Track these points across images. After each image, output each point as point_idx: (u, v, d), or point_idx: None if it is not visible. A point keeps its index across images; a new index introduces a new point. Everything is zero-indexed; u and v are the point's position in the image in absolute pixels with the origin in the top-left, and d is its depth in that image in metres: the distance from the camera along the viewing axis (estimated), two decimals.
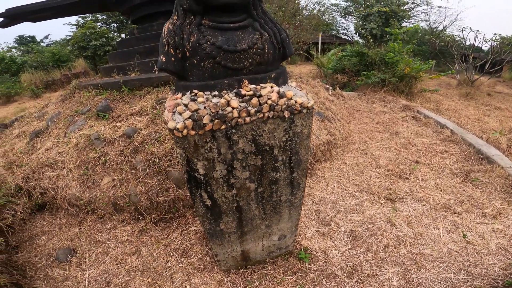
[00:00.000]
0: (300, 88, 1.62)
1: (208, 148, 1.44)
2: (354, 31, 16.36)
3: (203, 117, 1.33)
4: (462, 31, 15.31)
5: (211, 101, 1.36)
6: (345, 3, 23.64)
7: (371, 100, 6.29)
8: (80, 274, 2.31)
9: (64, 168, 3.02)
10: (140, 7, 4.58)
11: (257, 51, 1.40)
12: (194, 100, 1.36)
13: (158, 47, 4.01)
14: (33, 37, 27.36)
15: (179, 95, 1.42)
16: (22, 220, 2.93)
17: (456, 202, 2.88)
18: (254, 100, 1.39)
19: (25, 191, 3.08)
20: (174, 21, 1.37)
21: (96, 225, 2.86)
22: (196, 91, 1.39)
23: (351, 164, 3.64)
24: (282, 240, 2.15)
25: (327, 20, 21.12)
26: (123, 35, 17.94)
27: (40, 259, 2.53)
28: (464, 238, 2.43)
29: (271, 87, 1.46)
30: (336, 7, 24.24)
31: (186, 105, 1.35)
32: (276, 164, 1.66)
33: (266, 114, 1.43)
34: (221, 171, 1.55)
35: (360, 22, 14.82)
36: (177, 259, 2.38)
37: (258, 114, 1.41)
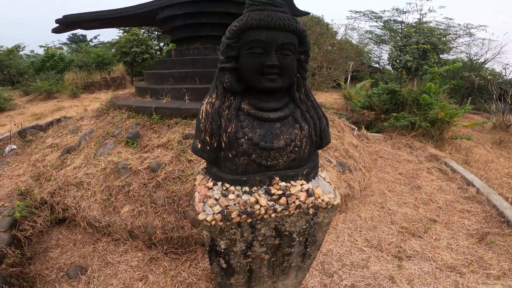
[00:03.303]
0: (330, 181, 1.58)
1: (232, 233, 1.44)
2: (387, 61, 15.96)
3: (232, 212, 1.33)
4: (505, 68, 14.45)
5: (241, 197, 1.35)
6: (381, 31, 23.26)
7: (397, 145, 6.00)
8: None
9: (89, 189, 3.09)
10: (180, 28, 4.76)
11: (294, 149, 1.36)
12: (225, 196, 1.35)
13: (190, 74, 4.07)
14: (84, 36, 28.95)
15: (210, 183, 1.43)
16: (40, 232, 2.99)
17: (464, 263, 2.78)
18: (283, 200, 1.37)
19: (49, 205, 3.16)
20: (213, 100, 1.35)
21: (109, 246, 2.88)
22: (227, 185, 1.38)
23: (366, 217, 3.50)
24: None
25: (359, 46, 20.84)
26: (161, 44, 18.59)
27: (51, 272, 2.56)
28: None
29: (301, 184, 1.42)
30: (370, 34, 23.88)
31: (217, 199, 1.35)
32: (292, 243, 1.66)
33: (292, 211, 1.40)
34: (241, 247, 1.56)
35: (395, 53, 14.37)
36: None
37: (284, 211, 1.39)
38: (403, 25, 19.89)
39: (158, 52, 17.30)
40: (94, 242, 2.94)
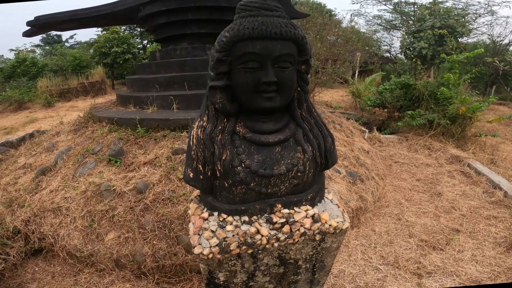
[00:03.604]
0: (338, 203, 1.60)
1: (232, 264, 1.45)
2: (400, 50, 15.94)
3: (231, 244, 1.34)
4: None
5: (240, 228, 1.36)
6: (391, 15, 23.16)
7: (414, 147, 5.98)
8: None
9: (68, 215, 3.09)
10: (164, 26, 4.79)
11: (297, 174, 1.35)
12: (223, 227, 1.36)
13: (178, 79, 4.08)
14: (59, 37, 29.10)
15: (206, 213, 1.44)
16: (13, 265, 2.98)
17: (490, 275, 2.79)
18: (286, 228, 1.37)
19: (23, 234, 3.15)
20: (204, 124, 1.33)
21: (93, 278, 2.87)
22: (224, 215, 1.39)
23: (381, 232, 3.51)
24: None
25: (367, 34, 20.82)
26: (145, 42, 18.70)
27: None
28: None
29: (306, 210, 1.44)
30: (379, 19, 23.77)
31: (213, 231, 1.36)
32: (298, 271, 1.67)
33: (296, 239, 1.41)
34: (242, 278, 1.57)
35: (408, 40, 14.29)
36: None
37: (287, 240, 1.40)
38: (415, 6, 19.90)
39: (141, 52, 17.42)
40: (76, 273, 2.93)
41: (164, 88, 4.17)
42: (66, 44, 27.93)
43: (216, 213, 1.42)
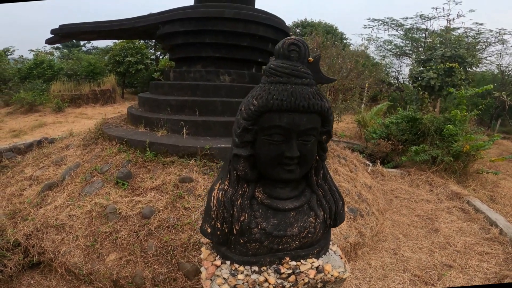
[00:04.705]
0: (341, 254, 1.71)
1: None
2: (408, 78, 16.00)
3: None
4: None
5: (250, 276, 1.47)
6: (402, 41, 23.22)
7: (415, 182, 6.01)
8: None
9: (71, 233, 3.13)
10: (181, 47, 4.90)
11: (307, 235, 1.45)
12: (234, 276, 1.47)
13: (189, 103, 4.15)
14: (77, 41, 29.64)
15: (218, 261, 1.55)
16: (9, 277, 2.98)
17: None
18: (292, 278, 1.49)
19: (23, 247, 3.16)
20: (225, 187, 1.41)
21: None
22: (237, 265, 1.50)
23: (376, 266, 3.55)
24: None
25: (376, 60, 20.91)
26: (158, 53, 19.00)
27: None
28: None
29: (312, 262, 1.54)
30: (390, 45, 23.87)
31: (225, 279, 1.46)
32: None
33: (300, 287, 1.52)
34: None
35: (417, 69, 14.33)
36: None
37: (292, 287, 1.51)
38: (427, 33, 20.00)
39: (153, 63, 17.68)
40: None
41: (175, 111, 4.25)
42: (83, 48, 28.43)
43: (228, 262, 1.52)
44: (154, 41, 17.98)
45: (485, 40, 18.84)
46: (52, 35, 5.22)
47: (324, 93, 1.24)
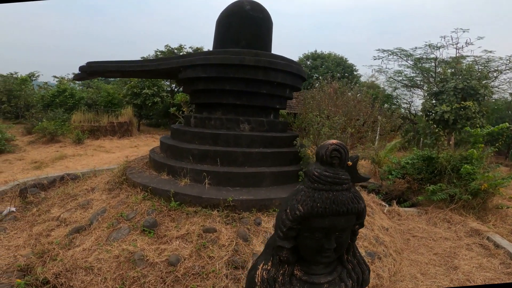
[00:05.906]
0: None
1: None
2: (421, 112, 15.97)
3: None
4: None
5: None
6: (412, 72, 23.37)
7: (433, 220, 5.97)
8: None
9: (99, 275, 3.22)
10: (201, 92, 5.03)
11: None
12: None
13: (211, 153, 4.27)
14: None
15: None
16: None
17: None
18: None
19: (52, 285, 3.23)
20: (269, 268, 1.61)
21: None
22: None
23: None
24: None
25: (386, 90, 21.01)
26: (173, 86, 19.57)
27: None
28: None
29: None
30: (400, 75, 24.01)
31: None
32: None
33: None
34: None
35: (430, 103, 14.31)
36: None
37: None
38: (436, 62, 20.14)
39: (169, 95, 18.17)
40: None
41: (197, 161, 4.38)
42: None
43: None
44: None
45: (496, 68, 19.04)
46: (79, 72, 5.57)
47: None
